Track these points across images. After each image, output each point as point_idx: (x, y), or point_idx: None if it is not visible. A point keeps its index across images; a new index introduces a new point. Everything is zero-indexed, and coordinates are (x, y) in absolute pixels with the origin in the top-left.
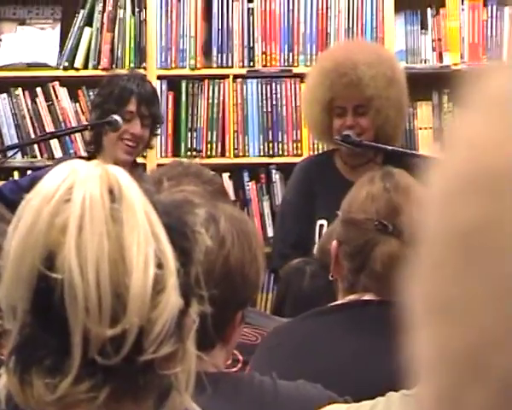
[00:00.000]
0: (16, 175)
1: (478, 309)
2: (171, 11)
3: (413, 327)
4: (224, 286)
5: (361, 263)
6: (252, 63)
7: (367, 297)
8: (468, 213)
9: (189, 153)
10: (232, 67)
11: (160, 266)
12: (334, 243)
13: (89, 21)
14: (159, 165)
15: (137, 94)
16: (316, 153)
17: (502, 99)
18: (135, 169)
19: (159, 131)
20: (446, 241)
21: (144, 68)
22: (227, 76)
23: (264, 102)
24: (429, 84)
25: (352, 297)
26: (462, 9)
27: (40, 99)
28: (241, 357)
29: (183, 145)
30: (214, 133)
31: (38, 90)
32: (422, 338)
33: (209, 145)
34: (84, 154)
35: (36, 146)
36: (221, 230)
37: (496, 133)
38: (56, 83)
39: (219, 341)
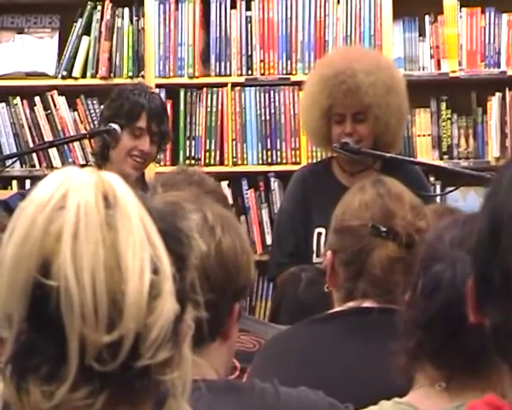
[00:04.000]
0: (15, 184)
1: None
2: (169, 20)
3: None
4: (219, 273)
5: (359, 269)
6: (250, 71)
7: (367, 304)
8: None
9: (187, 161)
10: (230, 75)
11: (155, 271)
12: (329, 253)
13: (87, 30)
14: (157, 173)
15: (148, 110)
16: (314, 161)
17: None
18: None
19: (167, 147)
20: None
21: (142, 77)
22: (225, 84)
23: (263, 110)
24: (427, 92)
25: (351, 304)
26: (460, 16)
27: (38, 108)
28: (238, 364)
29: (181, 153)
30: (213, 141)
31: (37, 99)
32: None
33: (207, 153)
34: (83, 162)
35: (34, 155)
36: (209, 220)
37: None
38: (55, 92)
39: (219, 336)
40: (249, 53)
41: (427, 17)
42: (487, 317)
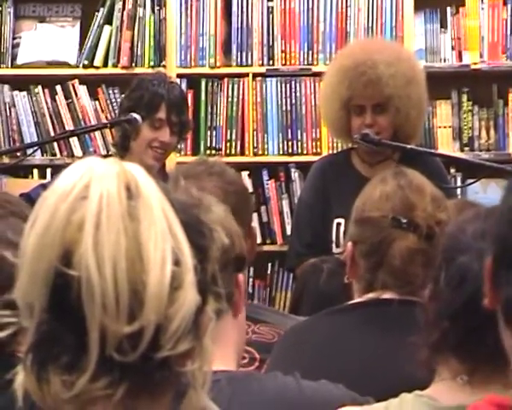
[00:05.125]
0: (36, 173)
1: None
2: (191, 9)
3: None
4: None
5: (379, 260)
6: (271, 62)
7: (387, 296)
8: None
9: (208, 151)
10: (252, 65)
11: (177, 262)
12: (349, 244)
13: (108, 19)
14: (178, 163)
15: (167, 100)
16: (334, 152)
17: None
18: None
19: (188, 136)
20: None
21: (164, 66)
22: (246, 74)
23: (284, 100)
24: (448, 83)
25: (371, 295)
26: (482, 8)
27: (60, 97)
28: (258, 355)
29: (202, 144)
30: (234, 132)
31: (58, 88)
32: None
33: (228, 144)
34: (104, 152)
35: (55, 144)
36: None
37: None
38: (76, 81)
39: (230, 309)
40: (270, 43)
41: (448, 9)
42: (502, 292)
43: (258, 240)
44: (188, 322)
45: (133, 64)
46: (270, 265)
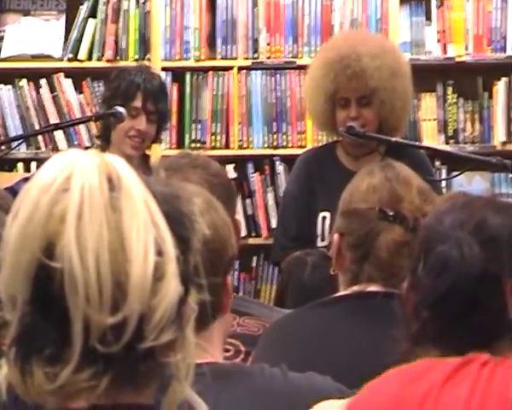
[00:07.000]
0: (20, 166)
1: None
2: (176, 2)
3: None
4: (213, 237)
5: (365, 252)
6: (256, 55)
7: (372, 288)
8: None
9: (193, 144)
10: (236, 58)
11: (159, 253)
12: (336, 236)
13: (93, 13)
14: (163, 156)
15: (143, 89)
16: (319, 145)
17: None
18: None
19: (168, 126)
20: None
21: (149, 60)
22: (231, 68)
23: (269, 93)
24: (433, 76)
25: (356, 288)
26: (467, 1)
27: (44, 90)
28: (243, 348)
29: (187, 137)
30: (219, 125)
31: (43, 81)
32: None
33: (213, 137)
34: (88, 145)
35: (40, 137)
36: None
37: None
38: (61, 74)
39: (218, 312)
40: (255, 36)
41: (433, 1)
42: None
43: (244, 233)
44: (171, 312)
45: (118, 57)
46: (255, 258)
